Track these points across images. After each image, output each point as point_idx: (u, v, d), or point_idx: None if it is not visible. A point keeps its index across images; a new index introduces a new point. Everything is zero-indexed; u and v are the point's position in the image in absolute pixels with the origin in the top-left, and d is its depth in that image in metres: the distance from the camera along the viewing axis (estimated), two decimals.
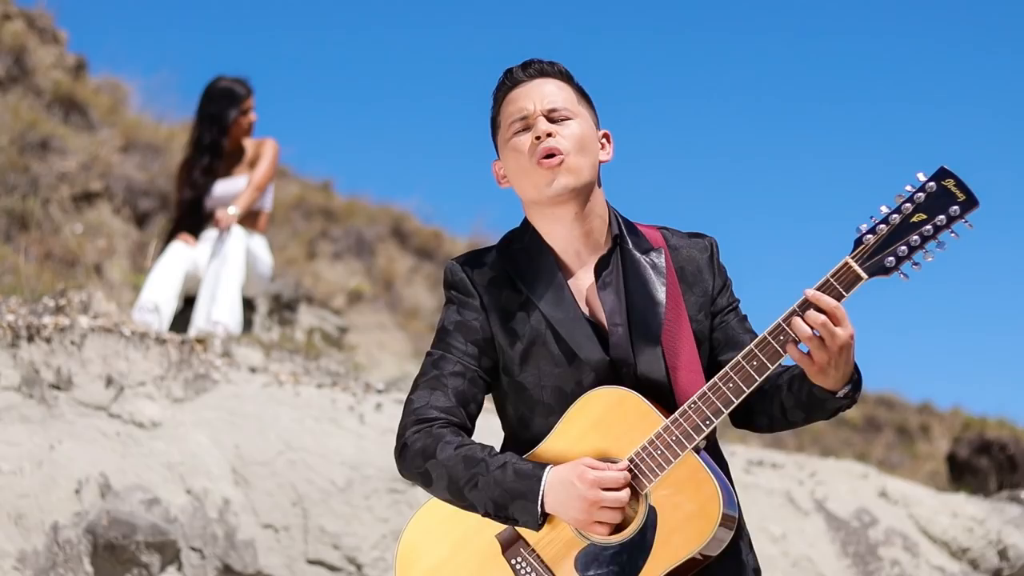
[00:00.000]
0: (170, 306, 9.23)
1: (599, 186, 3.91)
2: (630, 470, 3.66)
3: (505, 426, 3.96)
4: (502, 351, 3.84)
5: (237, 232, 9.49)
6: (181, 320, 9.38)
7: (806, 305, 3.58)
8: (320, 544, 7.44)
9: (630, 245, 3.90)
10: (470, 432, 3.85)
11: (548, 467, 3.67)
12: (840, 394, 3.69)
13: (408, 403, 3.85)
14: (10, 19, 14.84)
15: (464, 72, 31.61)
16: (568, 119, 3.84)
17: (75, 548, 6.79)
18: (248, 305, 9.90)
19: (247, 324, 9.81)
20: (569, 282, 3.86)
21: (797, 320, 3.58)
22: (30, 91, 14.27)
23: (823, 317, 3.55)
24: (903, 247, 3.54)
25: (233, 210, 9.54)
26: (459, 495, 3.71)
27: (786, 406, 3.80)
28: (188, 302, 9.50)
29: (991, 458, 15.07)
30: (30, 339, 7.38)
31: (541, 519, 3.66)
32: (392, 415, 8.15)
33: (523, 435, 3.86)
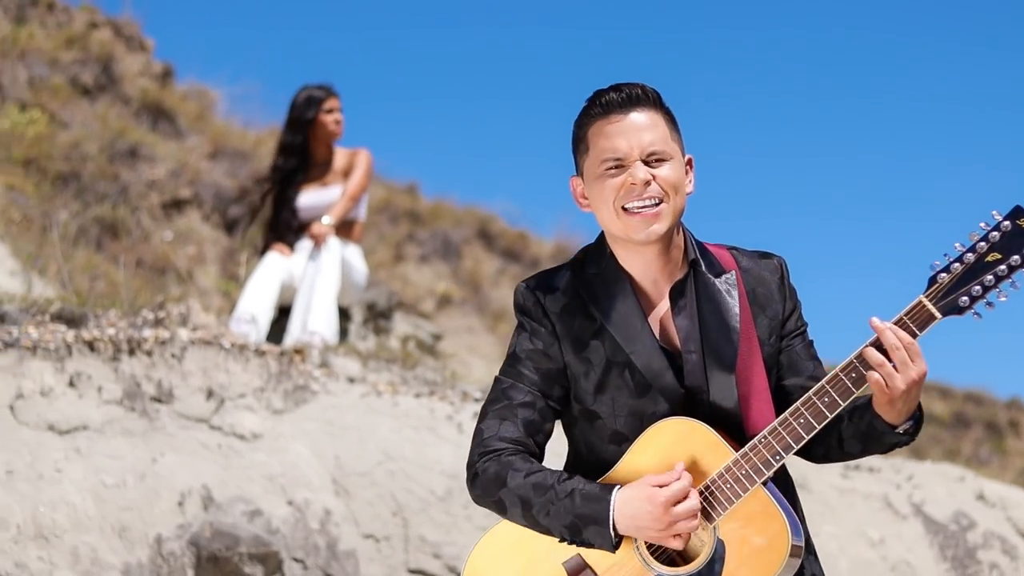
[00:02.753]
0: (266, 317, 9.29)
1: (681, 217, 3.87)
2: (702, 495, 3.66)
3: (572, 449, 3.94)
4: (575, 380, 3.82)
5: (332, 242, 9.53)
6: (276, 330, 9.44)
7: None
8: (420, 554, 7.46)
9: (703, 268, 3.85)
10: (540, 459, 3.84)
11: (615, 489, 3.66)
12: (900, 429, 3.69)
13: (477, 433, 3.84)
14: (97, 28, 15.00)
15: (551, 73, 31.59)
16: (663, 160, 3.76)
17: (179, 560, 6.85)
18: (343, 314, 9.92)
19: (342, 333, 9.83)
20: (644, 309, 3.82)
21: (871, 350, 3.57)
22: (118, 99, 14.43)
23: (902, 349, 3.54)
24: (977, 286, 3.53)
25: (327, 220, 9.58)
26: (534, 522, 3.72)
27: (844, 436, 3.78)
28: (283, 312, 9.55)
29: None
30: (131, 352, 7.45)
31: (616, 540, 3.66)
32: None
33: (590, 459, 3.85)
